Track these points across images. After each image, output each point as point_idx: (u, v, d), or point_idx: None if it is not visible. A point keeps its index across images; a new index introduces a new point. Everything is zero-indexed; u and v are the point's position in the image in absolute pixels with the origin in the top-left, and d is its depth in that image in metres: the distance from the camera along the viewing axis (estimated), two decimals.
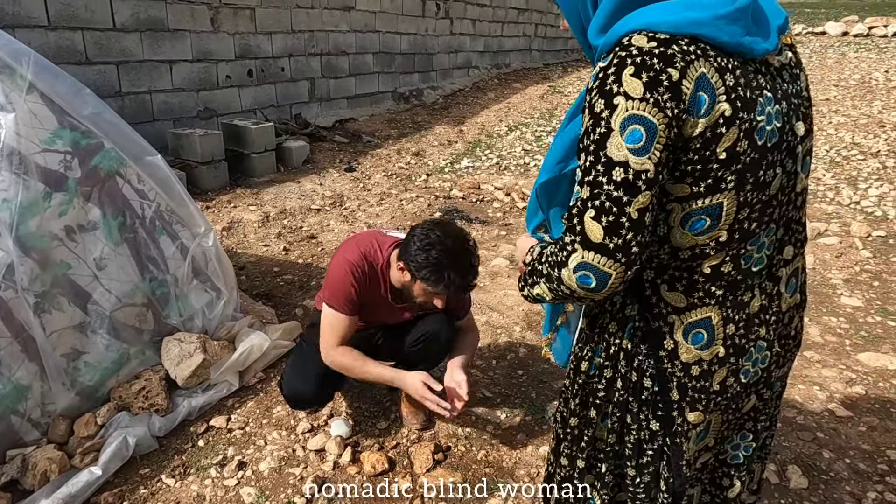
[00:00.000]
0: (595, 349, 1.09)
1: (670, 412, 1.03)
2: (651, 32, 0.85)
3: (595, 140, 0.86)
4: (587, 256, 0.88)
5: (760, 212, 0.94)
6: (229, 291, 2.53)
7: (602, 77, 0.86)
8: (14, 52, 1.99)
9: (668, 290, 0.98)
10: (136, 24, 4.59)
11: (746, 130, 0.87)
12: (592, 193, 0.87)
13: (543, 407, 2.26)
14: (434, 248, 1.68)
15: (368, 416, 2.19)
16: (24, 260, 1.91)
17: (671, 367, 1.01)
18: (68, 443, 1.96)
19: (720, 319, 0.98)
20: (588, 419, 1.14)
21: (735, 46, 0.87)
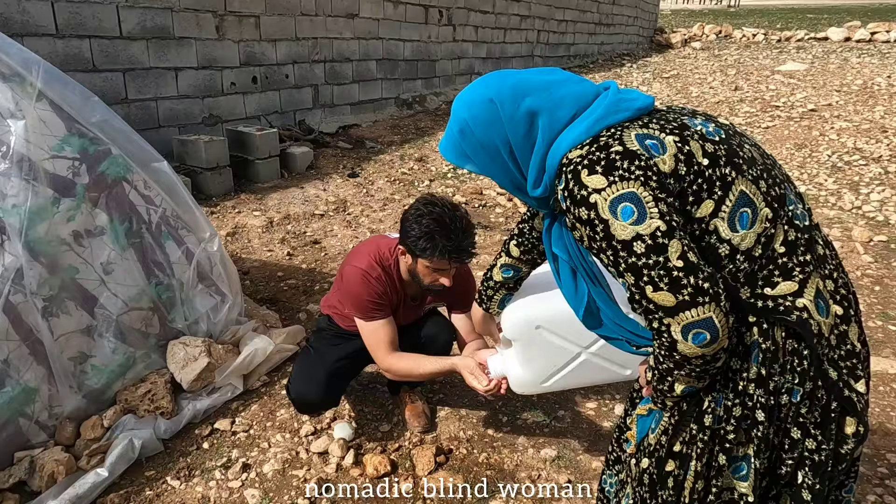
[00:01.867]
0: (717, 398, 1.05)
1: (840, 393, 1.01)
2: (576, 144, 1.01)
3: (602, 238, 0.96)
4: (680, 319, 0.93)
5: (768, 175, 1.03)
6: (234, 296, 2.56)
7: (568, 194, 0.99)
8: (24, 60, 2.03)
9: (771, 289, 1.00)
10: (142, 31, 4.64)
11: (701, 137, 1.00)
12: (636, 275, 0.94)
13: (546, 410, 2.28)
14: (424, 218, 1.70)
15: (371, 419, 2.21)
16: (32, 264, 1.94)
17: (819, 347, 1.00)
18: (75, 445, 1.99)
19: (820, 280, 1.02)
20: (718, 468, 1.07)
21: (646, 109, 1.08)
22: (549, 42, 10.56)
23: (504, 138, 1.06)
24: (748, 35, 14.08)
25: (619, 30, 12.91)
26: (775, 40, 13.57)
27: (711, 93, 8.77)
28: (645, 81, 9.82)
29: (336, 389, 2.08)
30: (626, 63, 11.68)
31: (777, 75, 9.50)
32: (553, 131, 1.04)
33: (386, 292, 1.90)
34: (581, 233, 1.00)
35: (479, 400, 1.96)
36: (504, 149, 1.07)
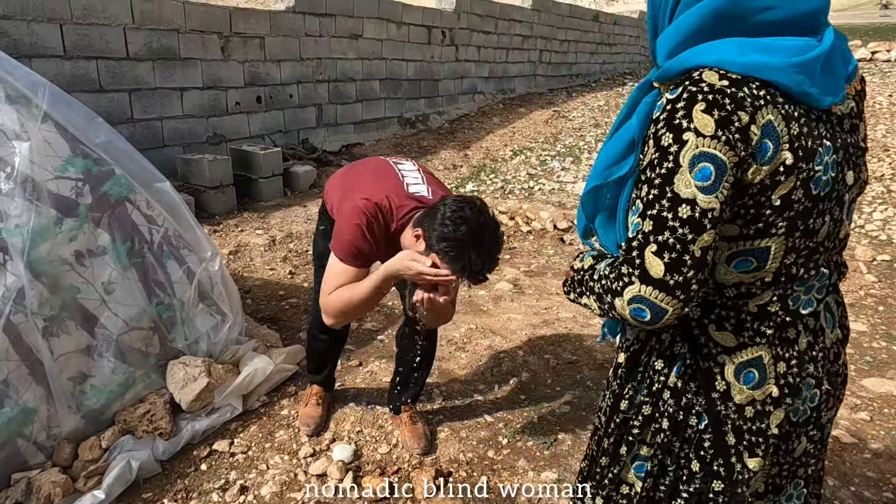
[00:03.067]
0: (637, 387, 1.06)
1: (728, 458, 0.99)
2: (723, 70, 0.85)
3: (661, 174, 0.85)
4: (644, 291, 0.87)
5: (807, 257, 0.93)
6: (234, 315, 2.56)
7: (670, 110, 0.85)
8: (31, 83, 2.06)
9: (716, 329, 0.97)
10: (148, 53, 4.71)
11: (804, 180, 0.87)
12: (656, 228, 0.86)
13: (546, 432, 2.26)
14: (464, 224, 1.50)
15: (370, 440, 2.20)
16: (34, 284, 1.95)
17: (724, 408, 0.98)
18: (72, 466, 1.98)
19: (770, 358, 0.96)
20: (617, 457, 1.10)
21: (802, 95, 0.87)
22: (551, 62, 10.65)
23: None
24: None
25: (620, 49, 13.02)
26: None
27: None
28: None
29: None
30: (628, 82, 11.76)
31: None
32: (733, 18, 0.86)
33: (372, 252, 1.74)
34: (648, 153, 0.88)
35: (417, 312, 1.73)
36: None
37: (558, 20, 10.49)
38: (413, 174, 1.86)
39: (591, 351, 2.90)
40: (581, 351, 2.90)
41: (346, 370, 2.65)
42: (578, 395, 2.52)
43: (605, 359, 2.83)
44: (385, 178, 1.82)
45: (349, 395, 2.47)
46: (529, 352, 2.89)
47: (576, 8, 11.42)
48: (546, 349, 2.92)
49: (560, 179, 6.16)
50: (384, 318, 3.15)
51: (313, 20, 6.12)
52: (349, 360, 2.72)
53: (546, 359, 2.82)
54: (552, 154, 7.10)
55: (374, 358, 2.77)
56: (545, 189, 5.81)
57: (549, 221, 4.72)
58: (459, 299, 3.46)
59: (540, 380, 2.64)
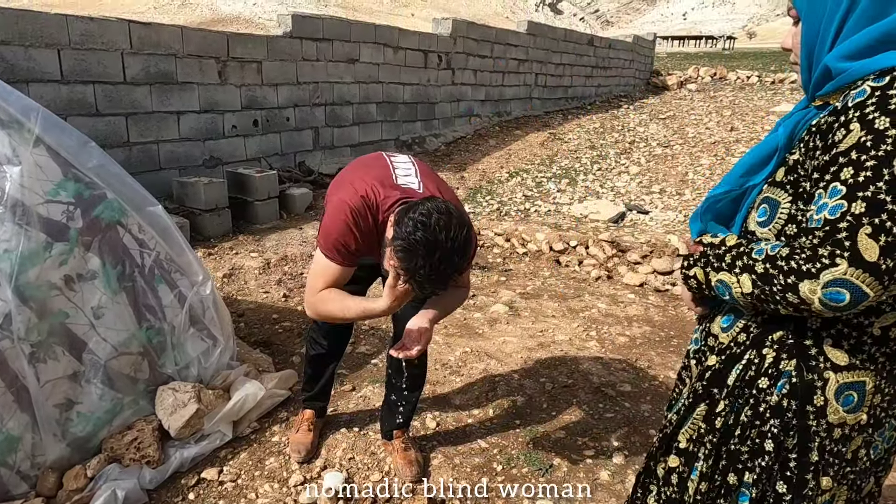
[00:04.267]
0: (733, 405, 1.04)
1: (804, 474, 0.99)
2: None
3: (877, 157, 0.84)
4: (851, 273, 0.84)
5: None
6: (226, 340, 2.53)
7: (880, 96, 0.86)
8: (23, 107, 2.06)
9: (832, 344, 0.97)
10: (146, 77, 4.74)
11: None
12: (870, 209, 0.84)
13: (541, 459, 2.22)
14: (422, 231, 1.41)
15: (362, 467, 2.15)
16: (21, 309, 1.93)
17: (816, 425, 0.98)
18: (57, 496, 1.93)
19: (873, 387, 0.97)
20: (728, 487, 1.05)
21: None
22: (546, 85, 10.77)
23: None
24: (742, 77, 14.36)
25: (615, 72, 13.18)
26: (769, 82, 13.82)
27: (707, 133, 8.88)
28: (642, 122, 9.97)
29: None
30: (623, 104, 11.88)
31: (772, 116, 9.64)
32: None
33: (359, 248, 1.69)
34: (851, 136, 0.87)
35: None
36: (847, 3, 0.93)
37: (553, 44, 10.63)
38: (405, 166, 1.80)
39: (588, 375, 2.87)
40: (577, 375, 2.87)
41: (338, 395, 2.61)
42: (575, 421, 2.48)
43: (602, 382, 2.80)
44: (374, 168, 1.77)
45: (342, 420, 2.43)
46: (525, 375, 2.85)
47: (571, 32, 11.58)
48: (542, 373, 2.88)
49: (556, 201, 6.18)
50: (378, 342, 3.12)
51: (310, 45, 6.18)
52: (342, 385, 2.69)
53: (542, 382, 2.79)
54: (548, 176, 7.13)
55: (367, 382, 2.73)
56: (541, 210, 5.82)
57: (544, 243, 4.71)
58: (454, 322, 3.43)
59: (535, 404, 2.60)
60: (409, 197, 1.66)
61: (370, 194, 1.67)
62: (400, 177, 1.74)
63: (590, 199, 6.16)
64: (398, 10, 17.47)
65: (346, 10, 15.77)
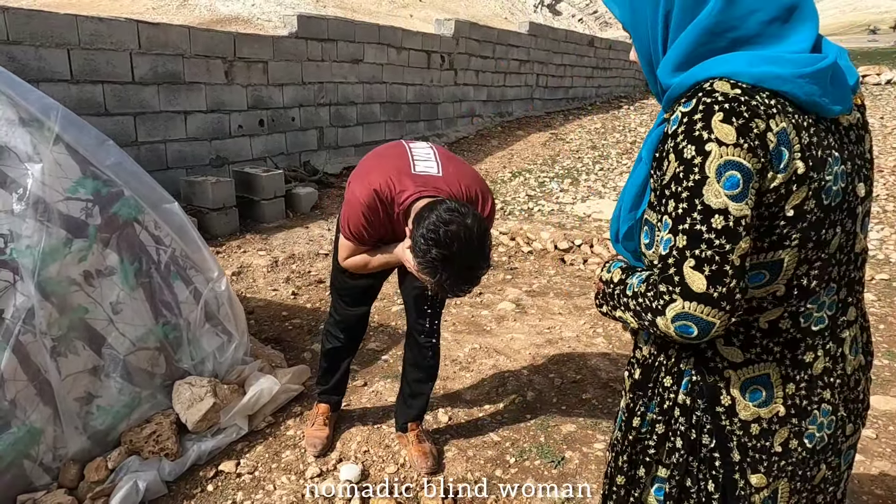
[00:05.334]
0: (648, 404, 1.06)
1: (731, 474, 0.99)
2: (733, 80, 0.86)
3: (688, 188, 0.85)
4: (688, 307, 0.85)
5: (820, 270, 0.93)
6: (240, 335, 2.57)
7: (688, 122, 0.85)
8: (44, 106, 2.09)
9: (724, 343, 0.97)
10: (154, 77, 4.78)
11: (815, 190, 0.87)
12: (691, 242, 0.84)
13: (553, 451, 2.25)
14: (436, 248, 1.49)
15: (377, 460, 2.19)
16: (43, 304, 1.96)
17: (729, 424, 0.98)
18: (78, 487, 1.97)
19: (779, 377, 0.97)
20: (636, 479, 1.09)
21: (811, 105, 0.88)
22: (547, 85, 10.81)
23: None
24: None
25: (616, 73, 13.22)
26: None
27: None
28: (643, 123, 10.01)
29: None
30: (623, 105, 11.92)
31: None
32: (729, 27, 0.88)
33: (374, 236, 1.84)
34: (670, 167, 0.87)
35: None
36: (664, 4, 0.91)
37: (554, 45, 10.68)
38: (424, 152, 1.86)
39: (596, 370, 2.91)
40: (585, 370, 2.90)
41: (351, 390, 2.64)
42: (584, 414, 2.52)
43: (610, 378, 2.83)
44: (392, 158, 1.83)
45: (355, 414, 2.47)
46: (534, 371, 2.89)
47: (571, 33, 11.63)
48: (550, 368, 2.92)
49: (559, 200, 6.22)
50: (388, 339, 3.16)
51: (315, 45, 6.22)
52: (354, 381, 2.72)
53: (551, 378, 2.82)
54: (550, 176, 7.17)
55: (379, 378, 2.76)
56: (544, 210, 5.86)
57: (549, 242, 4.75)
58: (462, 319, 3.47)
59: (545, 399, 2.64)
60: (426, 188, 1.72)
61: (384, 188, 1.73)
62: (418, 164, 1.79)
63: (592, 199, 6.20)
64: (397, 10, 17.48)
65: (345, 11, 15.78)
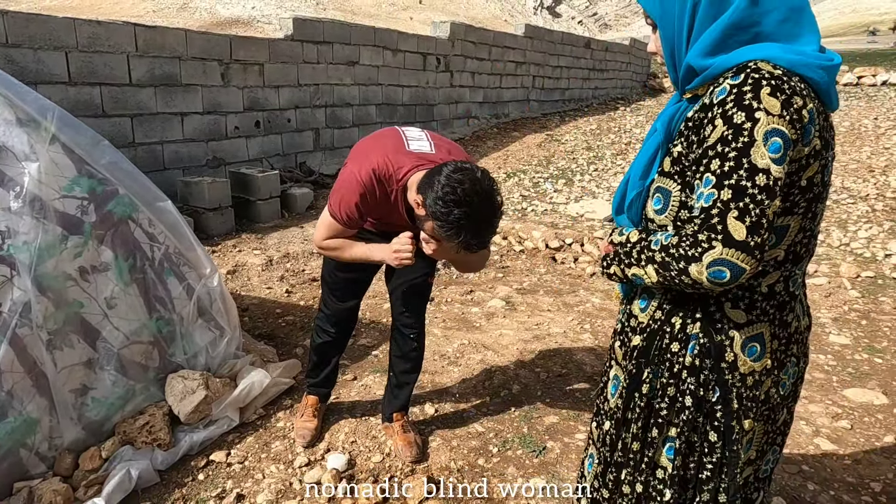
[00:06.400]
0: (656, 371, 1.18)
1: (730, 421, 1.13)
2: (773, 63, 1.00)
3: (737, 148, 0.97)
4: (726, 253, 0.96)
5: (809, 238, 1.10)
6: (232, 330, 2.63)
7: (738, 93, 0.98)
8: (40, 107, 2.16)
9: (731, 307, 1.11)
10: (150, 79, 4.85)
11: (823, 166, 1.04)
12: (735, 195, 0.96)
13: (535, 441, 2.32)
14: (457, 207, 1.53)
15: (364, 449, 2.25)
16: (40, 299, 2.02)
17: (731, 378, 1.12)
18: (73, 476, 2.03)
19: (770, 335, 1.12)
20: (650, 441, 1.20)
21: (825, 95, 1.04)
22: (544, 87, 10.88)
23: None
24: None
25: (612, 75, 13.30)
26: None
27: None
28: (638, 124, 10.07)
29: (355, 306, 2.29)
30: (620, 106, 11.99)
31: None
32: (752, 22, 1.03)
33: (373, 207, 1.82)
34: (716, 131, 0.99)
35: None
36: (692, 0, 1.05)
37: (551, 47, 10.75)
38: (416, 134, 1.91)
39: (581, 364, 2.97)
40: (571, 364, 2.97)
41: (341, 384, 2.71)
42: (567, 406, 2.58)
43: (595, 371, 2.89)
44: (388, 138, 1.88)
45: (344, 407, 2.53)
46: (520, 366, 2.95)
47: (568, 35, 11.70)
48: (537, 363, 2.98)
49: (552, 201, 6.28)
50: (379, 335, 3.22)
51: (311, 48, 6.29)
52: (344, 375, 2.78)
53: (536, 372, 2.89)
54: (545, 176, 7.23)
55: (368, 373, 2.83)
56: (538, 210, 5.93)
57: (541, 241, 4.81)
58: (453, 316, 3.53)
59: (530, 392, 2.70)
60: (422, 161, 1.77)
61: (382, 166, 1.78)
62: (412, 143, 1.84)
63: (586, 199, 6.27)
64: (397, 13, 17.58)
65: (345, 13, 15.84)
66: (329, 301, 2.26)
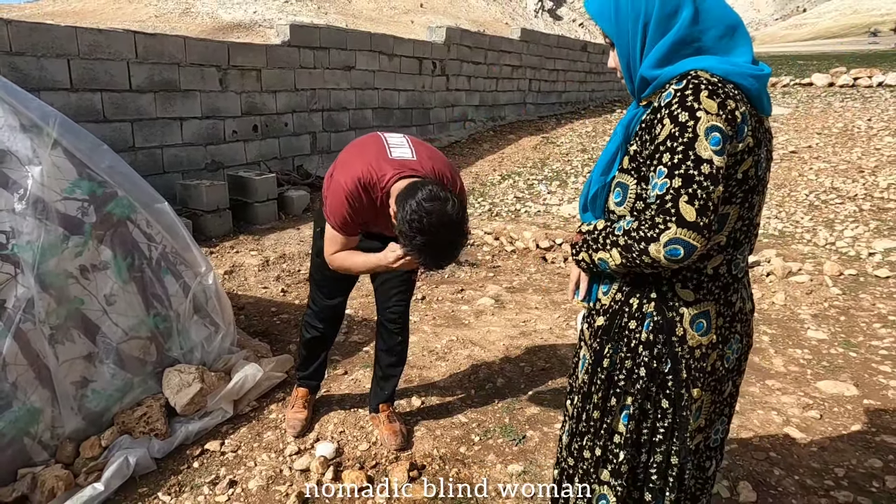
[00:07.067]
0: (616, 346, 1.32)
1: (679, 389, 1.28)
2: (710, 72, 1.16)
3: (683, 142, 1.12)
4: (680, 232, 1.11)
5: (748, 226, 1.26)
6: (227, 326, 2.74)
7: (681, 96, 1.14)
8: (43, 113, 2.28)
9: (681, 287, 1.26)
10: (150, 85, 4.97)
11: (756, 162, 1.19)
12: (685, 183, 1.11)
13: (516, 431, 2.42)
14: (421, 235, 1.65)
15: (351, 439, 2.36)
16: (42, 295, 2.14)
17: (681, 350, 1.27)
18: (74, 463, 2.14)
19: (715, 313, 1.27)
20: (609, 409, 1.35)
21: (756, 100, 1.20)
22: (540, 90, 10.99)
23: (650, 9, 1.19)
24: None
25: (609, 78, 13.41)
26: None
27: None
28: None
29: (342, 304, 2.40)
30: (616, 109, 12.10)
31: None
32: (694, 38, 1.19)
33: (362, 214, 1.93)
34: (664, 129, 1.15)
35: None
36: (643, 18, 1.20)
37: (547, 50, 10.86)
38: (398, 140, 2.02)
39: (564, 359, 3.07)
40: (554, 359, 3.07)
41: (332, 378, 2.81)
42: (549, 399, 2.68)
43: None
44: (370, 146, 1.98)
45: (334, 400, 2.64)
46: (506, 361, 3.06)
47: (564, 38, 11.82)
48: (522, 358, 3.09)
49: (546, 202, 6.39)
50: (370, 332, 3.33)
51: (308, 53, 6.42)
52: (335, 370, 2.89)
53: (521, 366, 2.99)
54: (539, 178, 7.34)
55: (358, 367, 2.93)
56: (531, 211, 6.03)
57: (531, 241, 4.92)
58: (442, 313, 3.64)
59: (514, 385, 2.81)
60: (404, 169, 1.89)
61: (366, 175, 1.89)
62: (394, 150, 1.96)
63: (579, 200, 6.37)
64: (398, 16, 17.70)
65: (346, 17, 15.95)
66: (317, 298, 2.36)
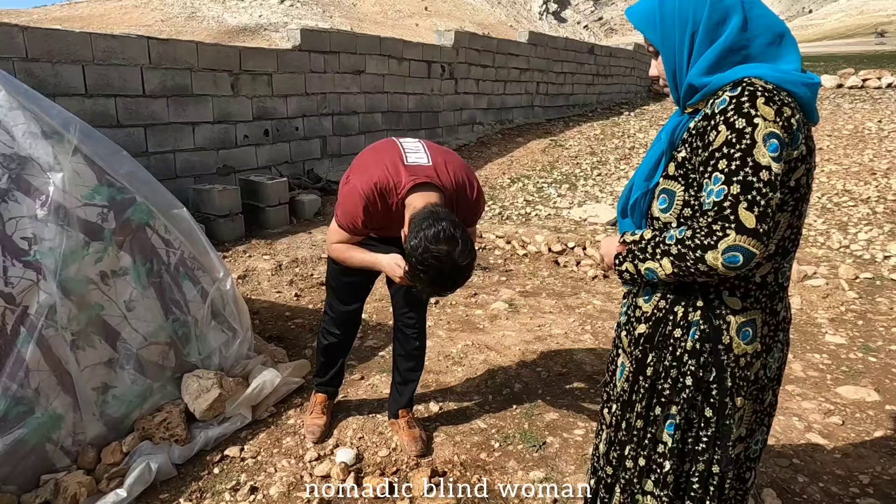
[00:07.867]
0: (659, 355, 1.31)
1: (724, 398, 1.27)
2: (764, 79, 1.16)
3: (741, 149, 1.11)
4: (739, 239, 1.09)
5: (796, 234, 1.25)
6: (244, 332, 2.74)
7: (737, 102, 1.13)
8: (64, 120, 2.29)
9: (728, 294, 1.25)
10: (163, 90, 4.99)
11: (808, 169, 1.19)
12: (744, 189, 1.10)
13: (536, 437, 2.41)
14: (425, 273, 1.69)
15: (371, 445, 2.35)
16: (64, 301, 2.14)
17: (727, 359, 1.26)
18: (96, 469, 2.14)
19: (761, 321, 1.26)
20: (653, 418, 1.34)
21: (809, 109, 1.19)
22: (548, 93, 10.98)
23: (697, 17, 1.19)
24: None
25: (616, 80, 13.39)
26: None
27: None
28: (642, 129, 10.15)
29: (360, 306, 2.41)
30: (623, 111, 12.07)
31: None
32: (742, 46, 1.19)
33: (375, 217, 1.95)
34: (720, 136, 1.14)
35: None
36: (690, 26, 1.20)
37: (554, 53, 10.86)
38: (414, 146, 2.03)
39: (581, 364, 3.06)
40: (571, 364, 3.05)
41: (349, 383, 2.81)
42: (567, 404, 2.67)
43: (594, 371, 2.98)
44: (387, 152, 2.00)
45: (352, 405, 2.63)
46: (522, 366, 3.04)
47: (571, 41, 11.81)
48: (538, 363, 3.07)
49: (556, 205, 6.37)
50: (385, 337, 3.32)
51: (318, 57, 6.43)
52: (352, 375, 2.89)
53: (538, 371, 2.98)
54: (549, 181, 7.33)
55: (375, 372, 2.93)
56: (541, 215, 6.02)
57: (544, 245, 4.91)
58: (457, 318, 3.63)
59: (531, 390, 2.79)
60: (417, 175, 1.90)
61: (383, 180, 1.91)
62: (410, 156, 1.97)
63: (589, 204, 6.35)
64: (403, 20, 17.76)
65: (351, 21, 16.02)
66: (333, 304, 2.36)
